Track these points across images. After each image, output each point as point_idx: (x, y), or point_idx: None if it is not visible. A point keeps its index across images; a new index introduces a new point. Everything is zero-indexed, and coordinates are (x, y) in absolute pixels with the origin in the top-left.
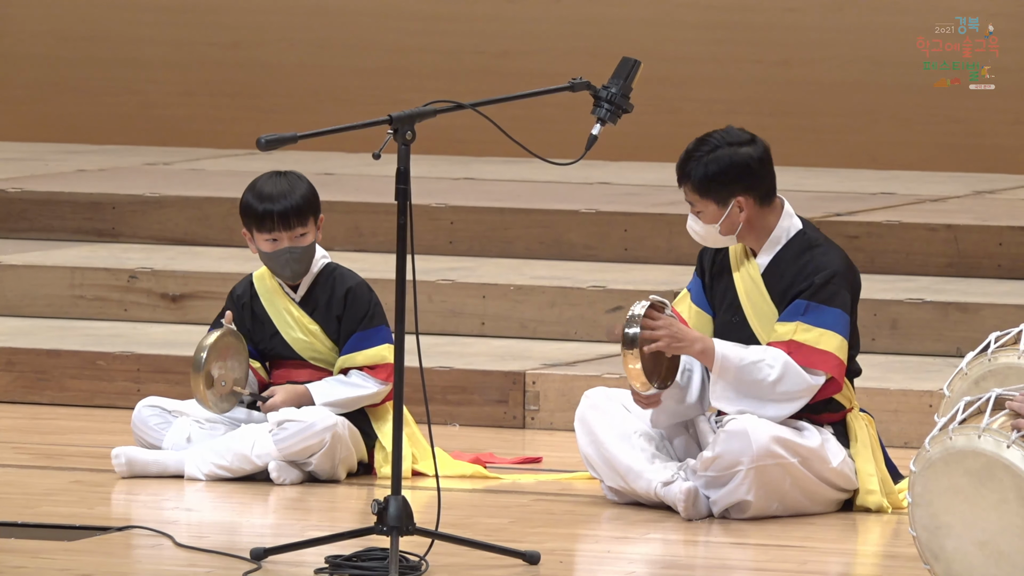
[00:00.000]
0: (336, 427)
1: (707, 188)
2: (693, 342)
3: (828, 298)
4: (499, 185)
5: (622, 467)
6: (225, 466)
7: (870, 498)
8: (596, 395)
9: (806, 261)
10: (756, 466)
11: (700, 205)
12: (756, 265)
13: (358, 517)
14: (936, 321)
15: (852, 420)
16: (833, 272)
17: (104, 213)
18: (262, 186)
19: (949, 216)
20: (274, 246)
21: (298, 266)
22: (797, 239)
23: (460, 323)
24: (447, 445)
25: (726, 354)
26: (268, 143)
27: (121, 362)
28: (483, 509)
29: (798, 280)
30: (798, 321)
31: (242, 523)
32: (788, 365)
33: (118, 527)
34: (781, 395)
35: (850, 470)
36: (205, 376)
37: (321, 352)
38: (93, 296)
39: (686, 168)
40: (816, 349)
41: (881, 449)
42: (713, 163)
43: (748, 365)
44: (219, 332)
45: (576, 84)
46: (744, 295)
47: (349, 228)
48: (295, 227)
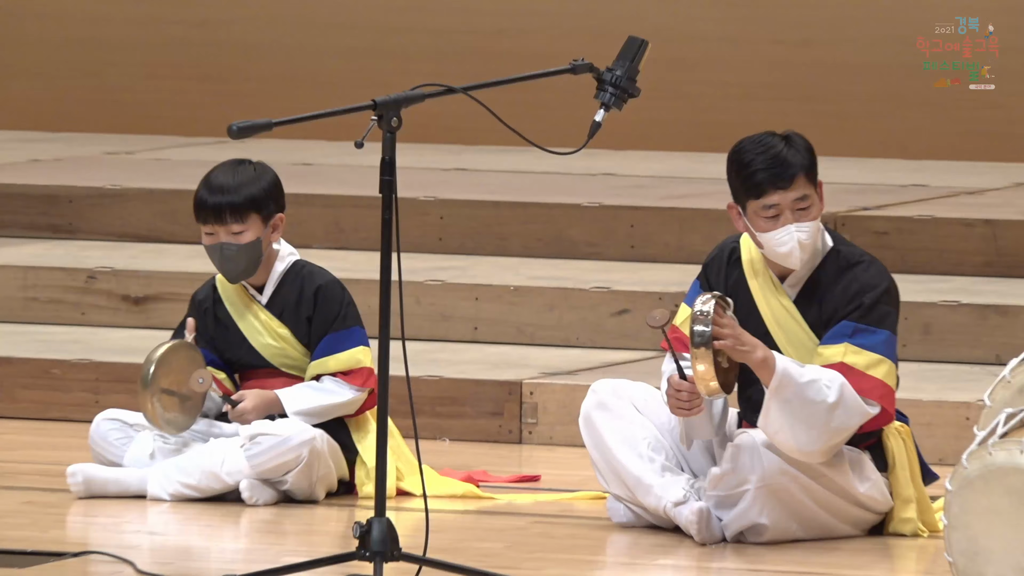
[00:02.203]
0: (314, 441)
1: (814, 168)
2: (755, 348)
3: (878, 320)
4: (493, 176)
5: (630, 479)
6: (192, 485)
7: (906, 527)
8: (604, 391)
9: (848, 281)
10: (766, 485)
11: (812, 198)
12: (784, 290)
13: (338, 541)
14: (973, 325)
15: (888, 437)
16: (882, 291)
17: (60, 207)
18: (214, 175)
19: (987, 210)
20: (210, 240)
21: (232, 265)
22: (832, 258)
23: (450, 328)
24: (436, 462)
25: (787, 368)
26: (240, 130)
27: (78, 371)
28: (475, 532)
29: (842, 303)
30: (846, 343)
31: (211, 548)
32: (845, 388)
33: (74, 552)
34: (836, 422)
35: (882, 491)
36: (153, 393)
37: (293, 359)
38: (47, 298)
39: (781, 166)
40: (867, 375)
41: (918, 460)
42: (802, 143)
43: (808, 383)
44: (169, 344)
45: (578, 66)
46: (775, 324)
47: (329, 224)
48: (229, 223)
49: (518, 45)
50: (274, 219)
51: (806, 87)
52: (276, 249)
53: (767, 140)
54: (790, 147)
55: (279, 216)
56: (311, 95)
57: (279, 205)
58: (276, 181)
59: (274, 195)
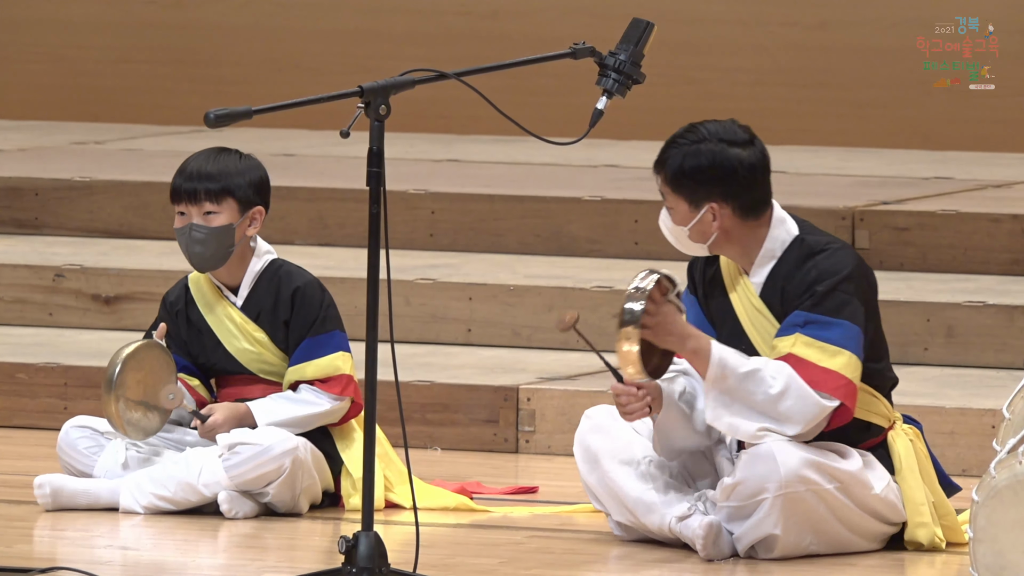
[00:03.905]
0: (297, 451)
1: (679, 183)
2: (685, 338)
3: (834, 309)
4: (488, 168)
5: (630, 499)
6: (167, 497)
7: (920, 532)
8: (598, 415)
9: (807, 270)
10: (784, 493)
11: (671, 201)
12: (751, 285)
13: (323, 556)
14: (999, 328)
15: (894, 440)
16: (839, 279)
17: (25, 201)
18: (191, 159)
19: (1016, 205)
20: (181, 221)
21: (200, 248)
22: (795, 248)
23: (443, 330)
24: (427, 472)
25: (724, 358)
26: (218, 119)
27: (45, 375)
28: (469, 547)
29: (798, 293)
30: (797, 333)
31: (187, 564)
32: (792, 379)
33: (41, 569)
34: (784, 414)
35: (896, 498)
36: (117, 396)
37: (272, 364)
38: (12, 298)
39: (664, 155)
40: (819, 367)
41: (932, 463)
42: (693, 156)
43: (749, 373)
44: (137, 344)
45: (579, 50)
46: (747, 320)
47: (312, 218)
48: (203, 200)
49: (514, 27)
50: (253, 210)
51: (822, 72)
52: (252, 247)
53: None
54: (697, 146)
55: (258, 209)
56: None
57: (262, 199)
58: (264, 176)
59: (257, 186)
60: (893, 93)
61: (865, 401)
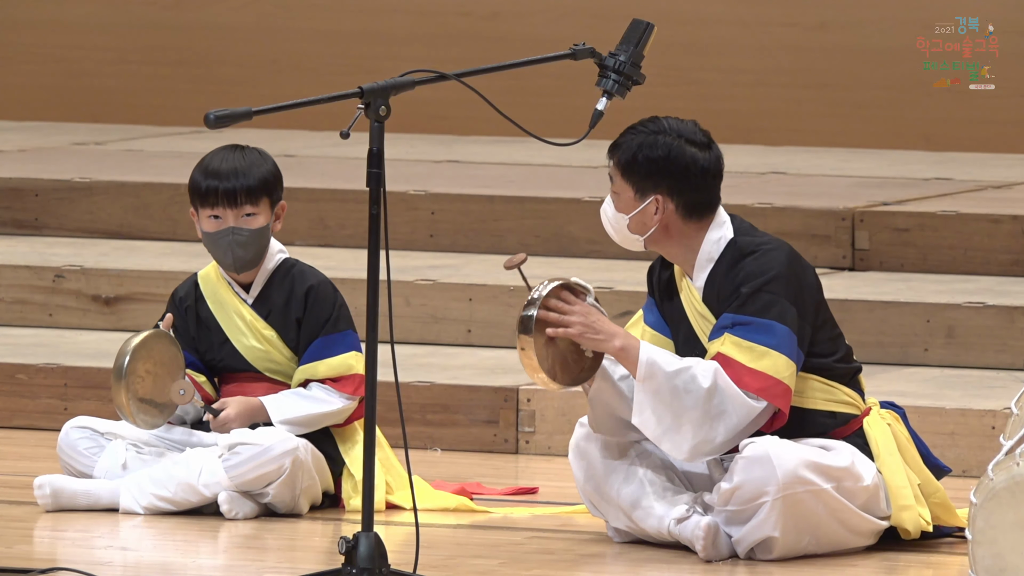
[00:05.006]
0: (297, 452)
1: (630, 169)
2: (612, 336)
3: (760, 310)
4: (488, 169)
5: (627, 503)
6: (167, 497)
7: (905, 515)
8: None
9: (736, 272)
10: (784, 495)
11: (618, 186)
12: (695, 289)
13: (323, 557)
14: (1000, 328)
15: (870, 426)
16: (764, 280)
17: (25, 201)
18: (212, 158)
19: (1016, 205)
20: (216, 225)
21: (242, 252)
22: (729, 251)
23: (443, 330)
24: (427, 473)
25: (653, 357)
26: (218, 119)
27: (45, 376)
28: (469, 548)
29: (727, 295)
30: (725, 334)
31: (187, 564)
32: (719, 374)
33: (41, 569)
34: (713, 413)
35: (883, 486)
36: (128, 385)
37: (278, 363)
38: (12, 298)
39: (620, 139)
40: (747, 367)
41: (916, 445)
42: (649, 146)
43: (677, 371)
44: (147, 333)
45: (579, 51)
46: (696, 323)
47: (313, 219)
48: (242, 204)
49: (514, 28)
50: (278, 207)
51: (822, 73)
52: None
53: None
54: (655, 137)
55: (282, 204)
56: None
57: (282, 193)
58: (279, 169)
59: (280, 180)
60: (893, 94)
61: (821, 390)
